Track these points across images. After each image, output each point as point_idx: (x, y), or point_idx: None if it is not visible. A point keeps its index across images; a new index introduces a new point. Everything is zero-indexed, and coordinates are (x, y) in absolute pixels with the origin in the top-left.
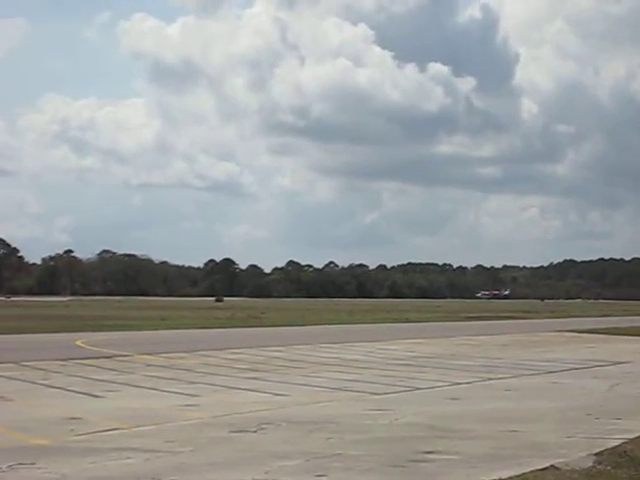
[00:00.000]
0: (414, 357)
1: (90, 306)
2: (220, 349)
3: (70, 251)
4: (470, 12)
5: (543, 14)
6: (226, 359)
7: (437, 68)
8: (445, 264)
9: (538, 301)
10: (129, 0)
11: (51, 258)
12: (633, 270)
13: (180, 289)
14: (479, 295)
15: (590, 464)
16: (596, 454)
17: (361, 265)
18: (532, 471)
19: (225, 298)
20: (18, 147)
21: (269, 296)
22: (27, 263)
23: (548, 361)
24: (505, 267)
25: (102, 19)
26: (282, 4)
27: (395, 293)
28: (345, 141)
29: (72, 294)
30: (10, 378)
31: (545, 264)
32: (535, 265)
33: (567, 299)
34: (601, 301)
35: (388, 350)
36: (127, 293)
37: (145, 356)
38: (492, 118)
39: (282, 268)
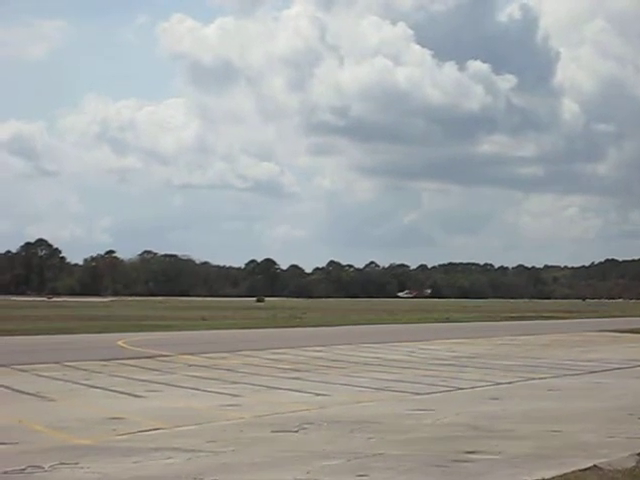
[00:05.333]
0: (456, 357)
1: (131, 306)
2: (261, 349)
3: (112, 252)
4: (510, 10)
5: (583, 13)
6: (267, 359)
7: (477, 66)
8: (486, 264)
9: (579, 301)
10: (167, 1)
11: (93, 259)
12: None
13: (221, 289)
14: (402, 295)
15: (633, 464)
16: (639, 454)
17: (402, 265)
18: (574, 471)
19: (266, 298)
20: (59, 148)
21: (310, 296)
22: (69, 264)
23: (590, 361)
24: (546, 267)
25: (141, 20)
26: (320, 4)
27: (436, 293)
28: (385, 141)
29: (114, 294)
30: (52, 378)
31: (586, 264)
32: (576, 265)
33: (609, 299)
34: None
35: (429, 350)
36: (168, 293)
37: (186, 356)
38: (532, 117)
39: (323, 268)
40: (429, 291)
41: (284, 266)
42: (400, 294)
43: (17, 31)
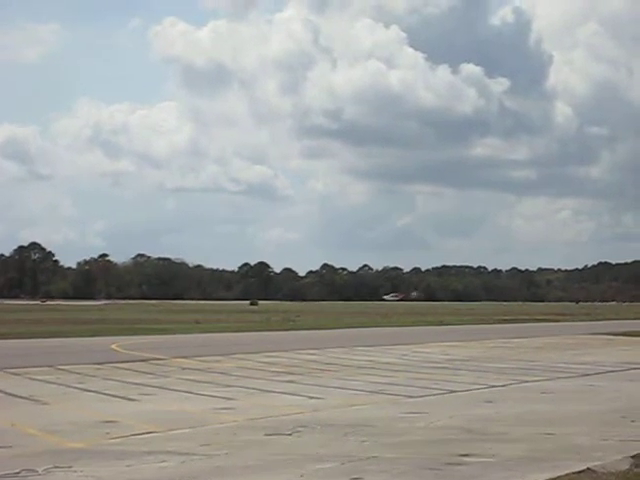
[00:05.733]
0: (449, 360)
1: (125, 310)
2: (255, 352)
3: (105, 255)
4: (503, 13)
5: (576, 16)
6: (261, 362)
7: (470, 69)
8: (480, 267)
9: (573, 304)
10: (160, 5)
11: (86, 262)
12: None
13: (215, 293)
14: (387, 298)
15: (627, 467)
16: (633, 457)
17: (395, 268)
18: (568, 474)
19: (260, 301)
20: (53, 152)
21: (304, 299)
22: (62, 267)
23: (583, 364)
24: (540, 270)
25: (134, 24)
26: (313, 7)
27: (430, 296)
28: (378, 144)
29: (107, 298)
30: (46, 382)
31: (580, 267)
32: (570, 268)
33: (602, 302)
34: (636, 304)
35: (423, 353)
36: (162, 297)
37: (180, 359)
38: (525, 120)
39: (316, 271)
40: (415, 294)
41: (277, 269)
42: (386, 297)
43: (11, 34)
